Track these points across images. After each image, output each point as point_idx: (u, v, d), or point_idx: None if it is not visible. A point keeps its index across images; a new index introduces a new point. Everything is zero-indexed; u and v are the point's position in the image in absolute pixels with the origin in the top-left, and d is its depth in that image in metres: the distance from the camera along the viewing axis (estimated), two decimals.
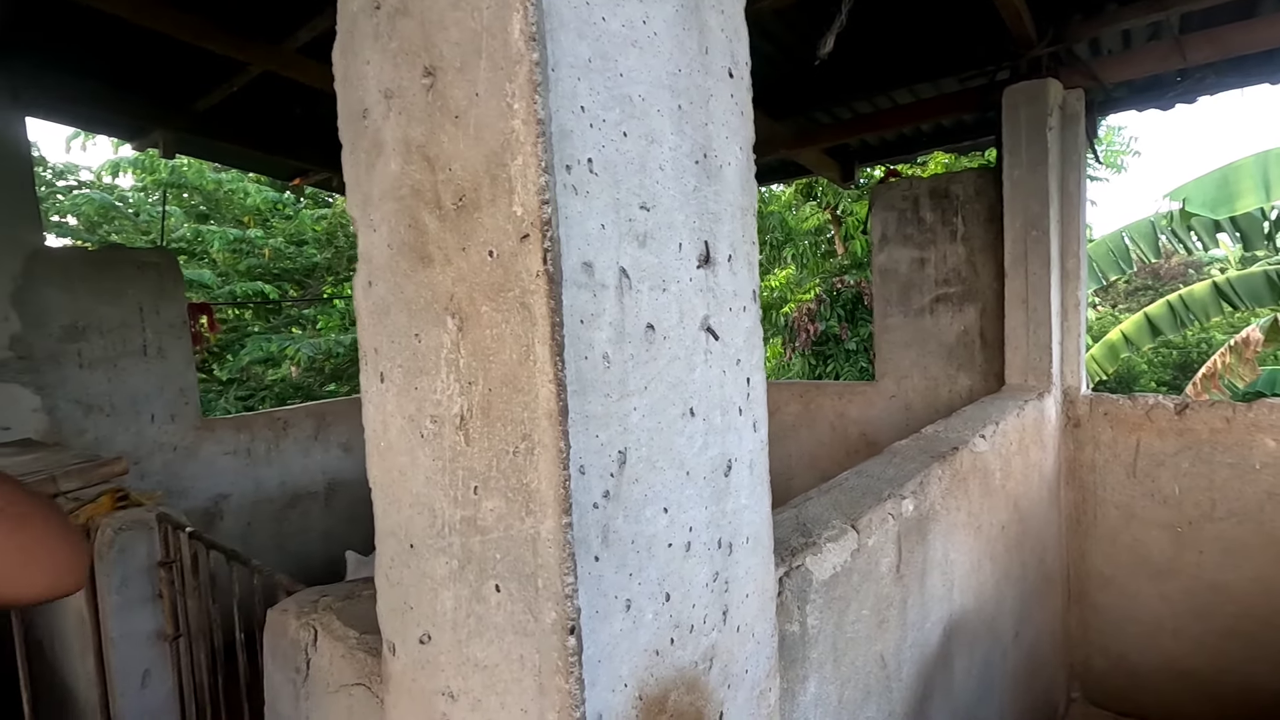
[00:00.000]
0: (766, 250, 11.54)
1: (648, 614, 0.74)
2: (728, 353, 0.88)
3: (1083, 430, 3.10)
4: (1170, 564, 2.92)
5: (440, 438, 0.73)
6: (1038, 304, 3.06)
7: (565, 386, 0.63)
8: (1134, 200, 53.93)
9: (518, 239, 0.63)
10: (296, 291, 9.44)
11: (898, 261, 3.66)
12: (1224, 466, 2.77)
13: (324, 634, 1.12)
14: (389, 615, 0.84)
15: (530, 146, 0.61)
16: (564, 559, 0.64)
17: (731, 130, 0.89)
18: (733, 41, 0.90)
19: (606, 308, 0.69)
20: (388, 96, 0.73)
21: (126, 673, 1.95)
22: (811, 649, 1.25)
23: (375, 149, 0.76)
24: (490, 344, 0.67)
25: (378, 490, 0.83)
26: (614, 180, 0.70)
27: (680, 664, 0.80)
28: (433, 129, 0.69)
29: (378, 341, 0.80)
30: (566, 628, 0.64)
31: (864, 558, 1.45)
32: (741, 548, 0.91)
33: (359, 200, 0.80)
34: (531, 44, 0.60)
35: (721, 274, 0.87)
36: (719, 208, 0.86)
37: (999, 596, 2.33)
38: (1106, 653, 3.14)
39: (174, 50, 3.25)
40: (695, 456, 0.82)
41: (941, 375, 3.57)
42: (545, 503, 0.64)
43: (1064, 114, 3.09)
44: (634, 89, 0.72)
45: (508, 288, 0.65)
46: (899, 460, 1.92)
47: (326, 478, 4.77)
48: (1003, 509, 2.39)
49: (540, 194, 0.61)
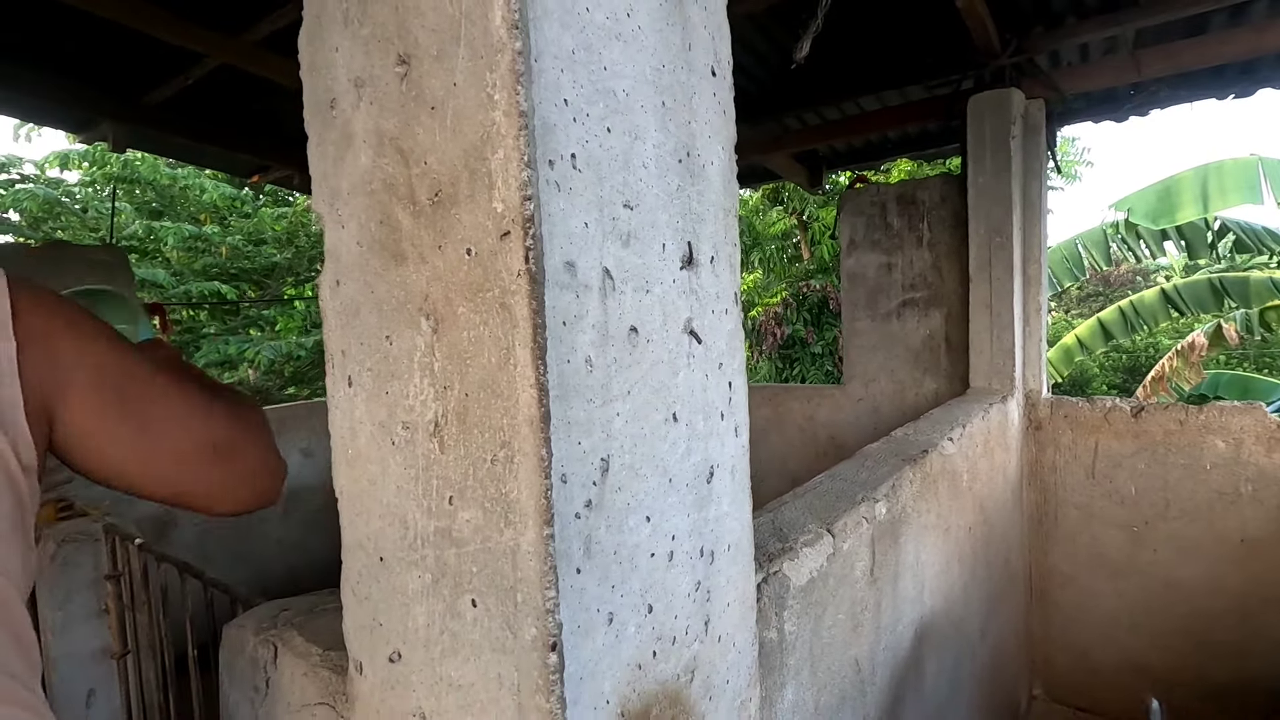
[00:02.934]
0: None
1: (630, 627, 0.72)
2: (710, 356, 0.86)
3: (1044, 433, 3.18)
4: (1127, 562, 3.00)
5: (413, 445, 0.70)
6: (1001, 309, 3.13)
7: (547, 391, 0.61)
8: (1086, 209, 55.96)
9: (498, 236, 0.60)
10: (255, 292, 9.17)
11: (866, 266, 3.70)
12: (1177, 467, 2.86)
13: (285, 650, 1.06)
14: (356, 632, 0.79)
15: (512, 140, 0.58)
16: (545, 572, 0.61)
17: (714, 129, 0.88)
18: (715, 39, 0.88)
19: (590, 309, 0.66)
20: (358, 85, 0.69)
21: (69, 694, 1.85)
22: (789, 656, 1.24)
23: (344, 141, 0.72)
24: (467, 347, 0.64)
25: (345, 500, 0.79)
26: (598, 177, 0.67)
27: (663, 677, 0.77)
28: (407, 120, 0.65)
29: (345, 344, 0.76)
30: (547, 644, 0.61)
31: (839, 562, 1.44)
32: (723, 556, 0.89)
33: (326, 195, 0.75)
34: (514, 32, 0.58)
35: (704, 276, 0.85)
36: (702, 208, 0.84)
37: (966, 598, 2.36)
38: (1067, 650, 3.21)
39: (125, 39, 3.12)
40: (678, 463, 0.79)
41: (908, 379, 3.62)
42: (526, 513, 0.61)
43: (1026, 123, 3.16)
44: (618, 83, 0.70)
45: (486, 288, 0.62)
46: (871, 463, 1.93)
47: (286, 485, 4.61)
48: (970, 511, 2.42)
49: (522, 189, 0.59)
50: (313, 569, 4.51)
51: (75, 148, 8.09)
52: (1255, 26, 2.86)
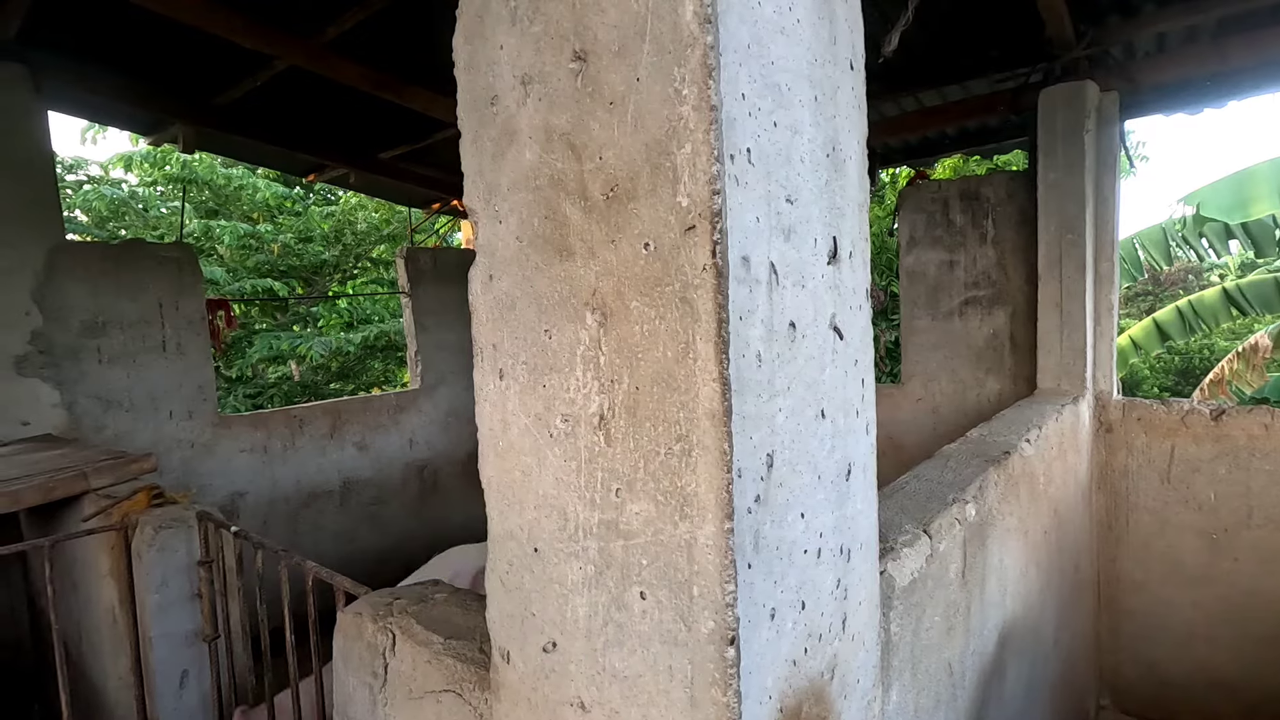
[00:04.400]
0: None
1: (788, 622, 0.71)
2: (849, 352, 0.85)
3: (1115, 435, 3.08)
4: (1205, 571, 2.90)
5: (574, 438, 0.71)
6: (1072, 308, 3.04)
7: (729, 385, 0.61)
8: (1141, 205, 53.83)
9: (681, 231, 0.61)
10: (303, 289, 9.39)
11: (926, 264, 3.64)
12: (1262, 473, 2.75)
13: (404, 638, 1.08)
14: (504, 621, 0.81)
15: (702, 134, 0.59)
16: (725, 566, 0.61)
17: (853, 123, 0.87)
18: (854, 32, 0.87)
19: (759, 304, 0.66)
20: (525, 83, 0.70)
21: (165, 673, 1.92)
22: (894, 657, 1.23)
23: (506, 137, 0.73)
24: (640, 340, 0.65)
25: (493, 491, 0.80)
26: (766, 172, 0.67)
27: (811, 674, 0.77)
28: (581, 116, 0.66)
29: (498, 337, 0.77)
30: (726, 638, 0.61)
31: (936, 563, 1.42)
32: (858, 553, 0.88)
33: (482, 190, 0.77)
34: (706, 26, 0.58)
35: (845, 270, 0.84)
36: (844, 202, 0.84)
37: (1043, 603, 2.31)
38: (1137, 660, 3.12)
39: (197, 43, 3.22)
40: (825, 459, 0.79)
41: (970, 378, 3.55)
42: (705, 507, 0.62)
43: (1100, 116, 3.07)
44: (781, 77, 0.70)
45: (665, 282, 0.62)
46: (954, 464, 1.90)
47: (342, 477, 4.73)
48: (1045, 514, 2.37)
49: (710, 184, 0.59)
50: (365, 559, 4.61)
51: (138, 149, 8.37)
52: None
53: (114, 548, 2.03)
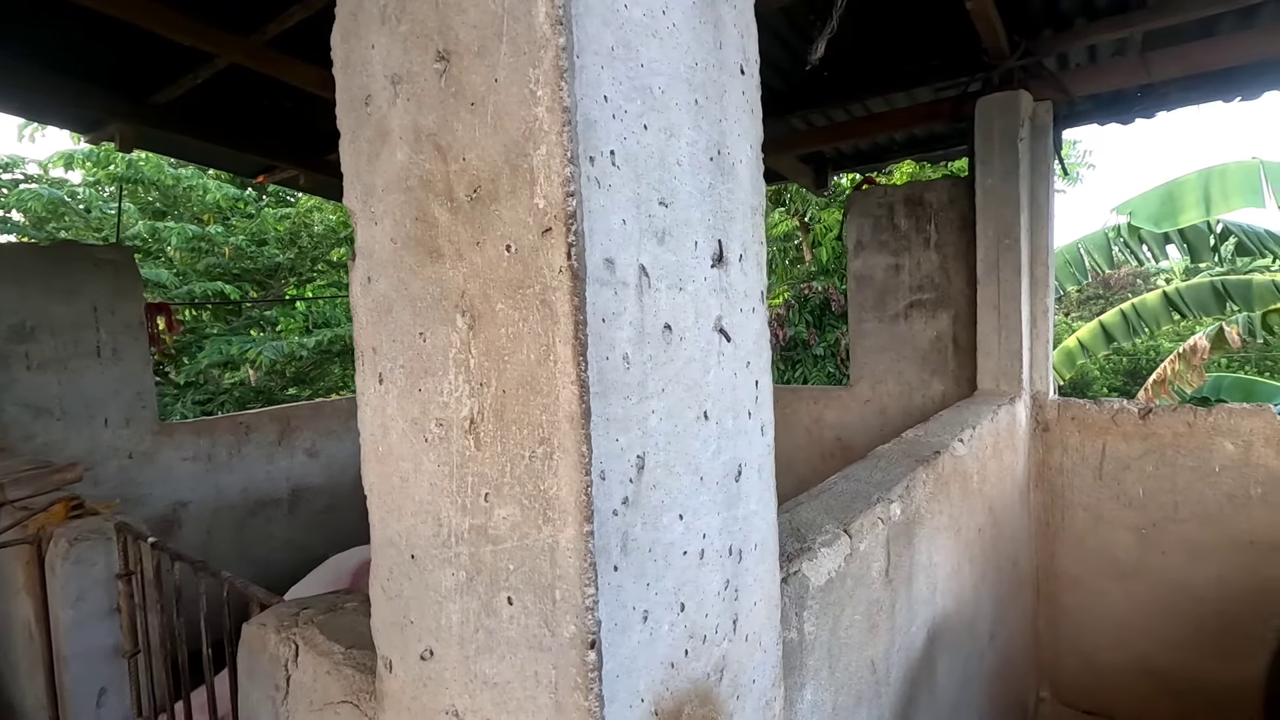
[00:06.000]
0: None
1: (664, 625, 0.71)
2: (739, 354, 0.86)
3: (1051, 434, 3.17)
4: (1136, 565, 2.99)
5: (447, 442, 0.70)
6: (1009, 310, 3.13)
7: (588, 388, 0.61)
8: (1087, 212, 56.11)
9: (539, 233, 0.60)
10: (257, 292, 9.17)
11: (873, 267, 3.70)
12: (1186, 469, 2.86)
13: (306, 649, 1.06)
14: (386, 630, 0.79)
15: (556, 136, 0.58)
16: (585, 569, 0.61)
17: (743, 128, 0.88)
18: (744, 37, 0.88)
19: (627, 306, 0.66)
20: (395, 82, 0.69)
21: (81, 692, 1.85)
22: (808, 656, 1.24)
23: (379, 137, 0.72)
24: (505, 343, 0.64)
25: (375, 497, 0.79)
26: (635, 174, 0.67)
27: (694, 676, 0.77)
28: (446, 116, 0.65)
29: (377, 340, 0.76)
30: (586, 641, 0.61)
31: (856, 562, 1.44)
32: (750, 554, 0.89)
33: (359, 192, 0.75)
34: (558, 28, 0.58)
35: (734, 274, 0.85)
36: (732, 206, 0.84)
37: (977, 599, 2.36)
38: (1075, 652, 3.21)
39: (135, 40, 3.12)
40: (709, 461, 0.79)
41: (915, 380, 3.62)
42: (565, 510, 0.61)
43: (1034, 125, 3.16)
44: (654, 80, 0.70)
45: (527, 284, 0.62)
46: (884, 464, 1.93)
47: (291, 484, 4.62)
48: (980, 512, 2.42)
49: (565, 186, 0.59)
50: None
51: (79, 148, 8.09)
52: (1264, 29, 2.86)
53: (29, 562, 1.95)
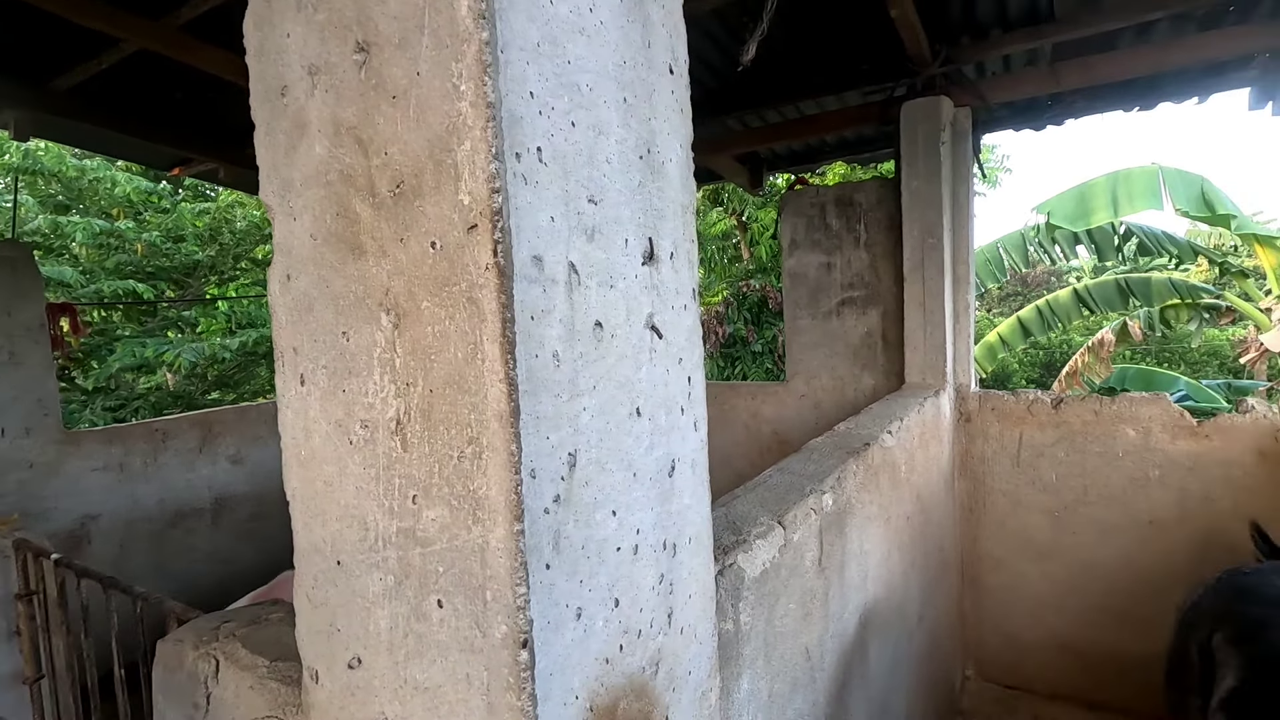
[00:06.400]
0: None
1: (598, 621, 0.72)
2: (671, 351, 0.87)
3: (974, 424, 3.33)
4: (1051, 546, 3.18)
5: (373, 444, 0.68)
6: (933, 307, 3.27)
7: (517, 386, 0.60)
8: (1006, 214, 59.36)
9: (464, 229, 0.60)
10: (174, 292, 8.67)
11: (807, 266, 3.80)
12: (1094, 455, 3.05)
13: (228, 664, 1.01)
14: (311, 639, 0.77)
15: (480, 131, 0.58)
16: (515, 569, 0.60)
17: (673, 127, 0.89)
18: (673, 37, 0.89)
19: (557, 304, 0.66)
20: (313, 73, 0.67)
21: None
22: (745, 645, 1.26)
23: (297, 130, 0.69)
24: (432, 342, 0.63)
25: (298, 503, 0.76)
26: (564, 171, 0.67)
27: (629, 670, 0.78)
28: (366, 109, 0.63)
29: (298, 340, 0.73)
30: (518, 641, 0.61)
31: (791, 553, 1.48)
32: (685, 548, 0.90)
33: (276, 186, 0.73)
34: (480, 22, 0.57)
35: (665, 271, 0.85)
36: (662, 204, 0.85)
37: (906, 584, 2.46)
38: (997, 631, 3.38)
39: (32, 20, 2.90)
40: (642, 457, 0.80)
41: (848, 375, 3.73)
42: (495, 510, 0.61)
43: (954, 130, 3.31)
44: (582, 78, 0.70)
45: (452, 281, 0.61)
46: (817, 457, 1.99)
47: (214, 494, 4.40)
48: (908, 500, 2.52)
49: (490, 182, 0.58)
50: (244, 580, 4.30)
51: None
52: (1158, 45, 3.08)
53: None
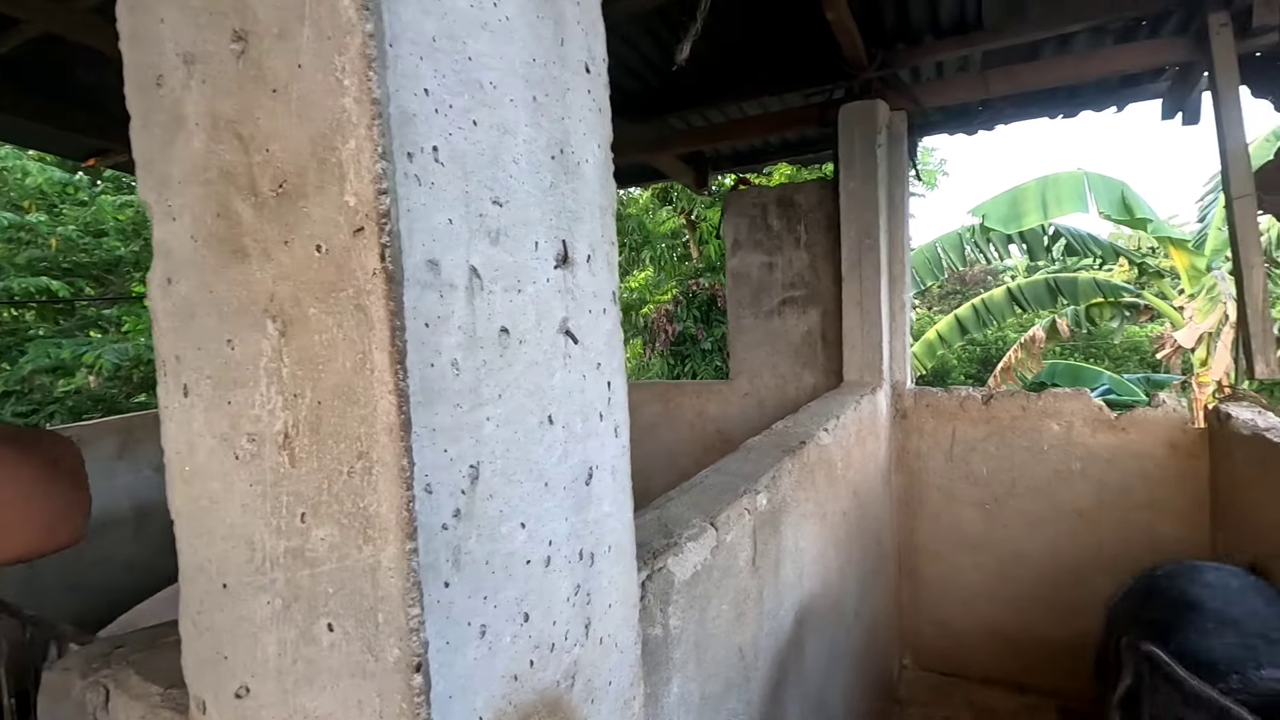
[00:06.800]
0: (625, 252, 11.71)
1: (505, 638, 0.69)
2: (588, 356, 0.85)
3: (909, 421, 3.43)
4: (982, 537, 3.30)
5: (260, 459, 0.64)
6: (870, 306, 3.34)
7: (407, 397, 0.57)
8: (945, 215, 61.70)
9: (350, 232, 0.56)
10: (94, 289, 8.19)
11: (749, 266, 3.84)
12: (1021, 449, 3.18)
13: (118, 692, 0.95)
14: (198, 667, 0.72)
15: (365, 129, 0.54)
16: (408, 589, 0.58)
17: (590, 127, 0.87)
18: (589, 35, 0.87)
19: (456, 310, 0.63)
20: (189, 62, 0.62)
21: None
22: (675, 649, 1.26)
23: (174, 123, 0.65)
24: (320, 351, 0.59)
25: (182, 523, 0.71)
26: (463, 172, 0.64)
27: (541, 686, 0.75)
28: (246, 103, 0.59)
29: (180, 349, 0.69)
30: (412, 665, 0.58)
31: (723, 554, 1.48)
32: (604, 557, 0.88)
33: (154, 183, 0.68)
34: (364, 13, 0.54)
35: (581, 274, 0.83)
36: (577, 206, 0.83)
37: (843, 579, 2.50)
38: (933, 620, 3.49)
39: None
40: (555, 466, 0.78)
41: (789, 373, 3.79)
42: (386, 527, 0.58)
43: (890, 133, 3.39)
44: (485, 75, 0.67)
45: (339, 287, 0.58)
46: (754, 456, 2.00)
47: (135, 502, 4.17)
48: (844, 497, 2.57)
49: (376, 182, 0.55)
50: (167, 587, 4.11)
51: None
52: (1078, 56, 3.22)
53: None
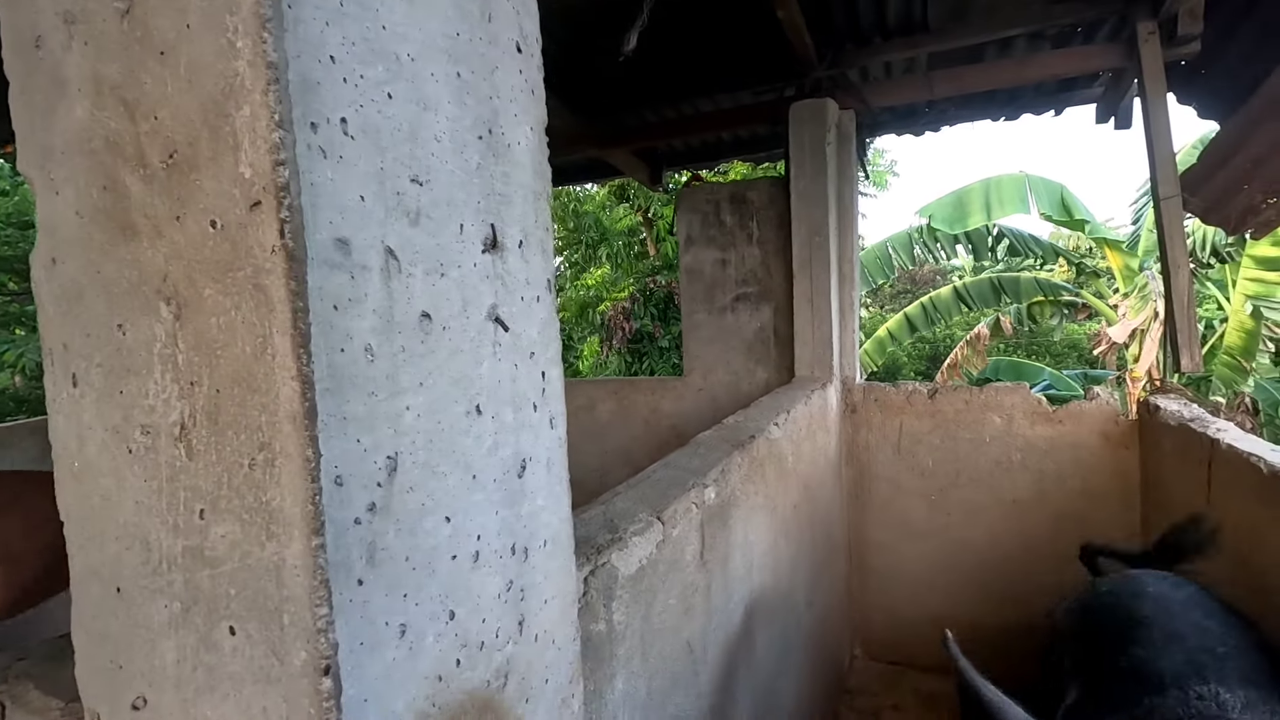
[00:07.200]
0: (583, 249, 11.65)
1: (428, 637, 0.66)
2: (520, 345, 0.82)
3: (859, 415, 3.48)
4: (927, 527, 3.37)
5: (155, 452, 0.59)
6: (820, 303, 3.38)
7: (313, 384, 0.54)
8: (895, 216, 63.42)
9: (247, 206, 0.52)
10: (17, 284, 7.75)
11: (703, 262, 3.85)
12: (965, 441, 3.26)
13: (15, 708, 0.88)
14: (92, 678, 0.67)
15: (260, 95, 0.51)
16: (315, 587, 0.54)
17: (522, 108, 0.84)
18: (520, 14, 0.84)
19: (369, 293, 0.60)
20: (69, 22, 0.57)
21: None
22: (619, 646, 1.24)
23: (55, 88, 0.59)
24: (217, 335, 0.55)
25: (73, 524, 0.66)
26: (378, 147, 0.61)
27: (470, 686, 0.72)
28: (131, 66, 0.55)
29: (68, 335, 0.63)
30: (320, 668, 0.54)
31: (670, 548, 1.47)
32: (539, 552, 0.86)
33: (35, 154, 0.62)
34: None
35: (512, 260, 0.81)
36: (508, 189, 0.80)
37: (793, 571, 2.52)
38: (882, 610, 3.56)
39: None
40: (484, 458, 0.75)
41: (742, 369, 3.81)
42: (290, 523, 0.54)
43: (839, 132, 3.43)
44: (401, 47, 0.64)
45: (237, 266, 0.54)
46: (704, 450, 2.00)
47: None
48: (795, 490, 2.59)
49: (274, 153, 0.51)
50: None
51: None
52: (1018, 60, 3.32)
53: None
